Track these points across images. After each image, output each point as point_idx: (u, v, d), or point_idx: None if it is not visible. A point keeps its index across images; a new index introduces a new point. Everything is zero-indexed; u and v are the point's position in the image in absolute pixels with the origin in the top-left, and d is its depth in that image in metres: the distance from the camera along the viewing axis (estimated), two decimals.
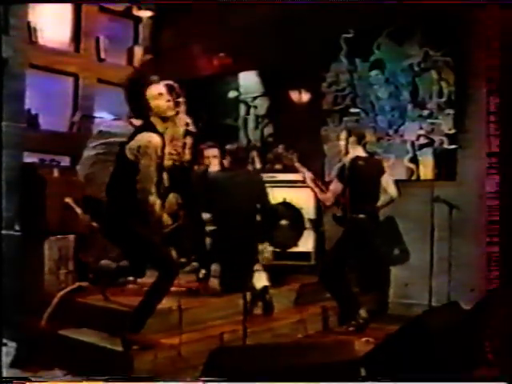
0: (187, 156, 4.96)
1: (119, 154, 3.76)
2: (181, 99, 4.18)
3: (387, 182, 5.07)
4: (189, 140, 4.85)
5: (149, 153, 3.60)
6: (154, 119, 3.76)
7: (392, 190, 5.04)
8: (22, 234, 4.68)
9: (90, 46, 6.94)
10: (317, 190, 5.13)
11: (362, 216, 4.84)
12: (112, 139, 4.17)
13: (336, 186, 4.92)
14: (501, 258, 5.10)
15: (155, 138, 3.66)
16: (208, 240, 4.97)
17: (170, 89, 3.83)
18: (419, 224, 5.40)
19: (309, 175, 5.16)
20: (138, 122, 3.98)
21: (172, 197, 4.00)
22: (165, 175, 3.90)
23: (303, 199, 5.67)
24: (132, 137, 3.71)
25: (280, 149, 5.88)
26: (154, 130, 3.72)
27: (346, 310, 4.94)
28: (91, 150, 5.29)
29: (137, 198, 3.61)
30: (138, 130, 3.75)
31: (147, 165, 3.61)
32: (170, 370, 3.59)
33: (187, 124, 3.98)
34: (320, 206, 5.74)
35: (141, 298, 3.78)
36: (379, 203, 5.03)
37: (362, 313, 4.83)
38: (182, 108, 4.03)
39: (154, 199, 3.65)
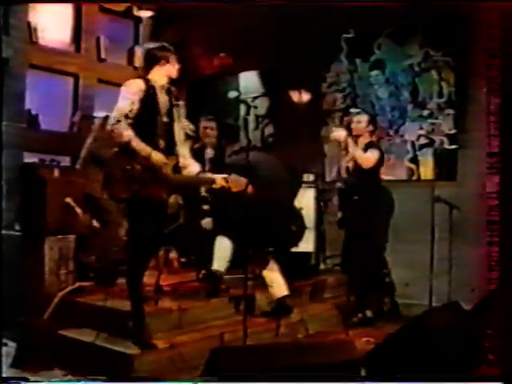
0: None
1: None
2: (180, 102, 4.17)
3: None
4: (188, 144, 4.85)
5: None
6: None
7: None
8: (21, 233, 4.68)
9: (91, 46, 6.92)
10: (353, 146, 5.01)
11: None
12: None
13: (374, 153, 4.97)
14: (501, 258, 5.10)
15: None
16: None
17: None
18: (419, 224, 5.39)
19: (342, 133, 5.08)
20: None
21: (173, 198, 3.99)
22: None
23: (303, 199, 5.65)
24: None
25: None
26: None
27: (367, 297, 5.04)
28: None
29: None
30: None
31: None
32: (170, 369, 3.59)
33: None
34: (320, 206, 5.73)
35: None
36: None
37: (368, 313, 4.88)
38: (182, 111, 4.03)
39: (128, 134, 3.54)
